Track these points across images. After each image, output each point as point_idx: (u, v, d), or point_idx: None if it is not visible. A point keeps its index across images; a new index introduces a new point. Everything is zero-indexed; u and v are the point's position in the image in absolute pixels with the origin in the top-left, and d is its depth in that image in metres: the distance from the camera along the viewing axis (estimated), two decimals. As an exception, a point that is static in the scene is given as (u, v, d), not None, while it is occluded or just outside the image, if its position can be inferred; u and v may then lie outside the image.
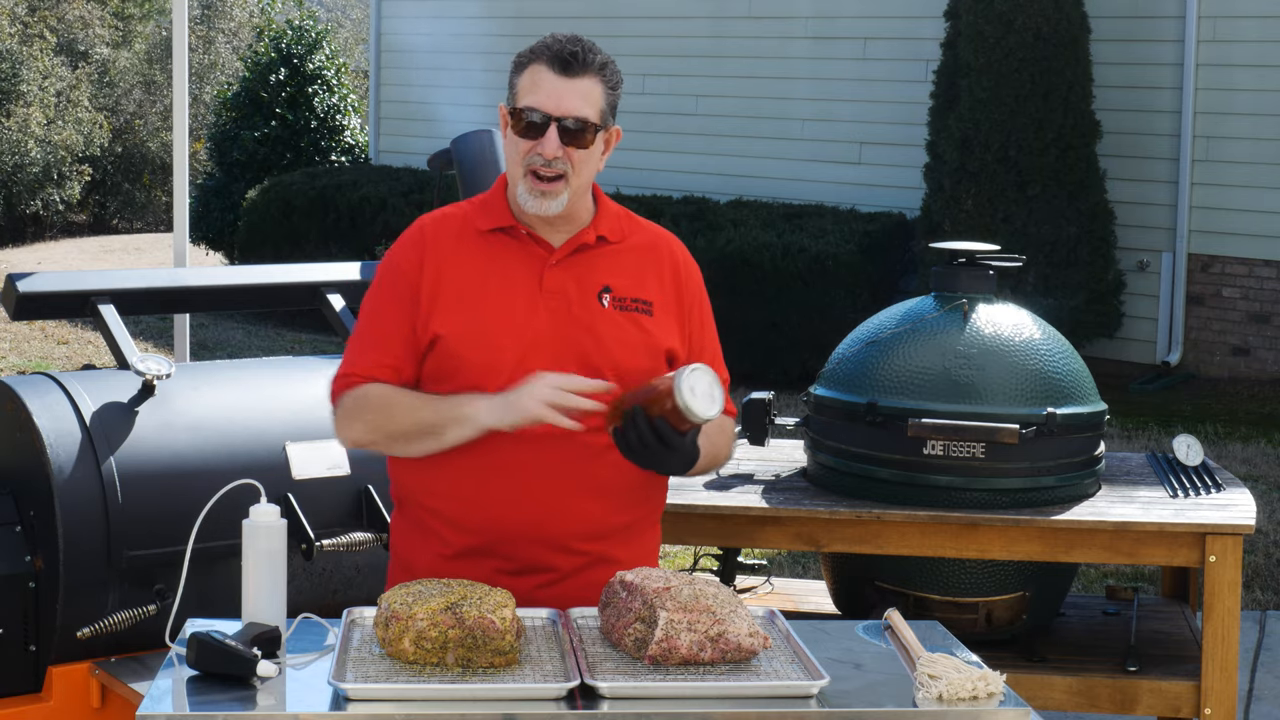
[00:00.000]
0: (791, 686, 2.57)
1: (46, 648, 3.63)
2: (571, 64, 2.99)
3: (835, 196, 12.49)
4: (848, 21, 12.67)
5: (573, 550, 3.01)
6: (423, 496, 3.08)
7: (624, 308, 3.06)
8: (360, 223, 13.76)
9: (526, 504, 2.99)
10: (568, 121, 2.98)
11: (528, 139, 2.99)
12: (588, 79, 3.00)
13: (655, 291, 3.10)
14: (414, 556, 3.09)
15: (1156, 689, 3.98)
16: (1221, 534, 3.86)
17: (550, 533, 3.00)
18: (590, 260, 3.07)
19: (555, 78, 2.99)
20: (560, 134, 2.97)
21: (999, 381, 3.99)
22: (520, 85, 3.02)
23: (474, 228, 3.09)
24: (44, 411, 3.63)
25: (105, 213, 21.83)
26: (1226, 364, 11.08)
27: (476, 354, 2.99)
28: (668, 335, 3.09)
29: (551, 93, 2.98)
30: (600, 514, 3.02)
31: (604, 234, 3.09)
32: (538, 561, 3.01)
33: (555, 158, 2.97)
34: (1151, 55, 11.14)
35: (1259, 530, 7.26)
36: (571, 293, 3.03)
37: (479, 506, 3.01)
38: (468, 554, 3.02)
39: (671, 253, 3.17)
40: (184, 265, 5.28)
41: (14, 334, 12.10)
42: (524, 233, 3.06)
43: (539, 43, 3.05)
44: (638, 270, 3.10)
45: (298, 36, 16.77)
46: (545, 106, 2.98)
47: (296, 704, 2.55)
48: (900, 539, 3.94)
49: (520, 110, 2.99)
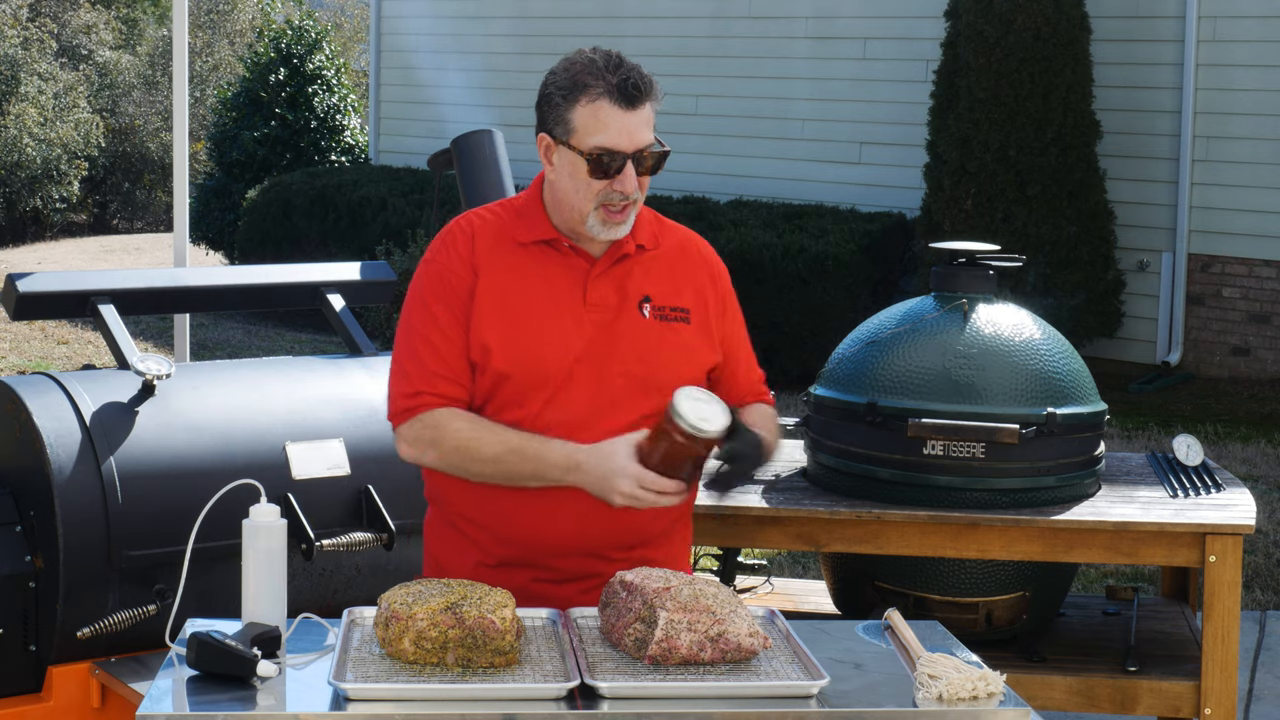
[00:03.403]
0: (791, 686, 2.57)
1: (46, 648, 3.63)
2: (636, 98, 2.92)
3: (835, 196, 12.50)
4: (848, 21, 12.67)
5: (612, 559, 3.02)
6: (461, 505, 3.07)
7: (664, 318, 3.05)
8: (360, 223, 13.76)
9: (565, 517, 2.98)
10: (640, 155, 2.94)
11: (602, 178, 2.93)
12: (648, 106, 2.95)
13: (691, 298, 3.09)
14: (450, 560, 3.09)
15: (1156, 689, 3.97)
16: (1221, 534, 3.86)
17: (589, 544, 3.01)
18: (628, 269, 3.05)
19: (622, 114, 2.91)
20: (635, 167, 2.94)
21: (999, 381, 3.99)
22: (579, 122, 2.92)
23: (512, 238, 3.04)
24: (44, 411, 3.63)
25: (105, 213, 21.84)
26: (1226, 364, 11.08)
27: (522, 369, 2.97)
28: (706, 344, 3.09)
29: (623, 130, 2.91)
30: (639, 522, 3.02)
31: (642, 242, 3.07)
32: (577, 570, 3.02)
33: (634, 192, 2.95)
34: (1151, 55, 11.14)
35: (1259, 530, 7.26)
36: (614, 304, 3.02)
37: (518, 520, 3.00)
38: (507, 564, 3.03)
39: (701, 255, 3.16)
40: (184, 265, 5.28)
41: (14, 334, 12.10)
42: (566, 245, 3.03)
43: (584, 69, 2.93)
44: (673, 277, 3.09)
45: (298, 36, 16.77)
46: (621, 146, 2.91)
47: (296, 704, 2.55)
48: (900, 539, 3.94)
49: (594, 153, 2.91)
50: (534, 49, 14.37)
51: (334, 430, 3.87)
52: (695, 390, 2.86)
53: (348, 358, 4.15)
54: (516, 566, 3.02)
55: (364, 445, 3.86)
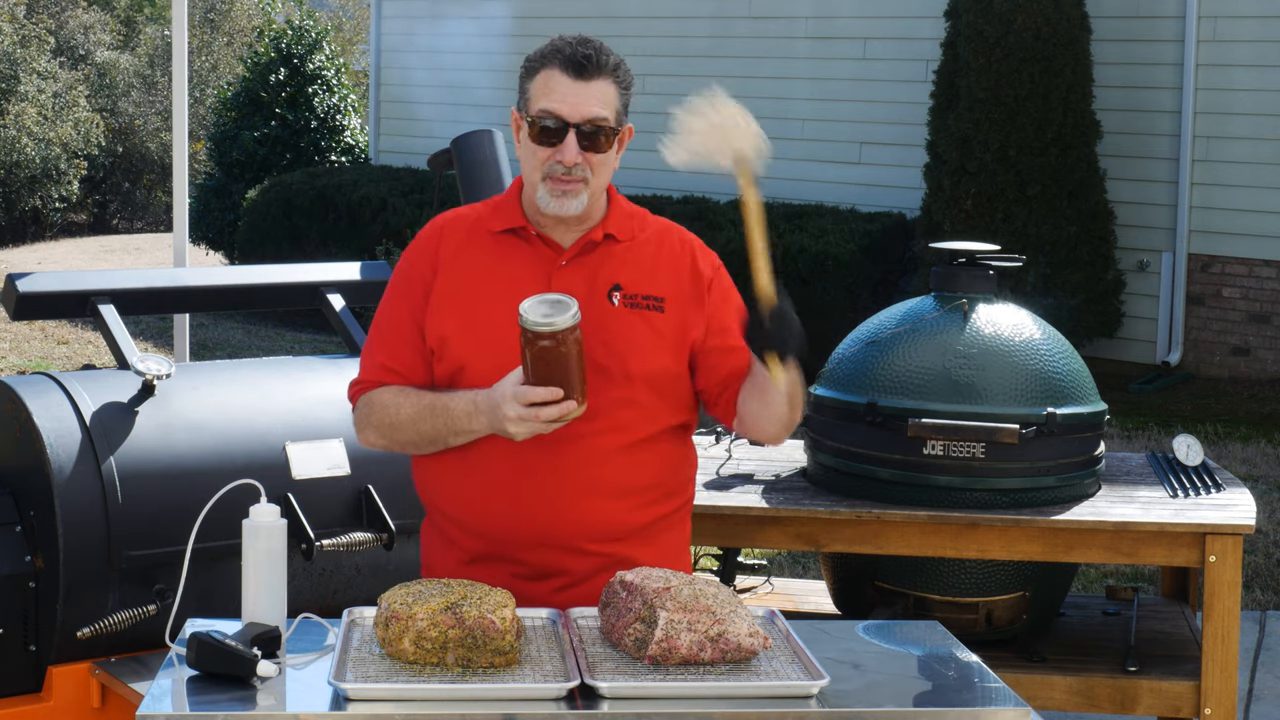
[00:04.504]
0: (791, 686, 2.57)
1: (46, 648, 3.63)
2: (586, 67, 2.95)
3: (835, 196, 12.49)
4: (848, 21, 12.67)
5: (586, 552, 2.99)
6: (440, 503, 3.09)
7: (635, 305, 3.03)
8: (360, 223, 13.76)
9: (533, 507, 2.98)
10: (585, 126, 2.95)
11: (545, 145, 2.96)
12: (602, 81, 2.97)
13: (668, 285, 3.07)
14: (436, 561, 3.11)
15: (1156, 689, 3.98)
16: (1221, 534, 3.86)
17: (559, 536, 2.99)
18: (600, 259, 3.05)
19: (570, 82, 2.95)
20: (578, 139, 2.95)
21: (999, 381, 3.99)
22: (533, 90, 2.98)
23: (485, 229, 3.08)
24: (44, 411, 3.63)
25: (105, 213, 21.84)
26: (1226, 364, 11.08)
27: (481, 358, 2.98)
28: (683, 330, 3.05)
29: (567, 97, 2.95)
30: (613, 515, 3.00)
31: (612, 232, 3.06)
32: (550, 565, 3.00)
33: (575, 164, 2.95)
34: (1151, 55, 11.14)
35: (1259, 530, 7.26)
36: (581, 293, 3.00)
37: (485, 511, 3.00)
38: (483, 559, 3.02)
39: (682, 241, 3.13)
40: (184, 265, 5.28)
41: (14, 334, 12.10)
42: (534, 234, 3.05)
43: (549, 45, 3.01)
44: (649, 266, 3.07)
45: (298, 36, 16.77)
46: (562, 112, 2.94)
47: (296, 704, 2.55)
48: (900, 539, 3.94)
49: (536, 117, 2.96)
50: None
51: (334, 430, 3.87)
52: (549, 295, 2.84)
53: (348, 358, 4.15)
54: (490, 562, 3.01)
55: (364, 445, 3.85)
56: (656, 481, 3.04)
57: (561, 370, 2.83)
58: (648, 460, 3.02)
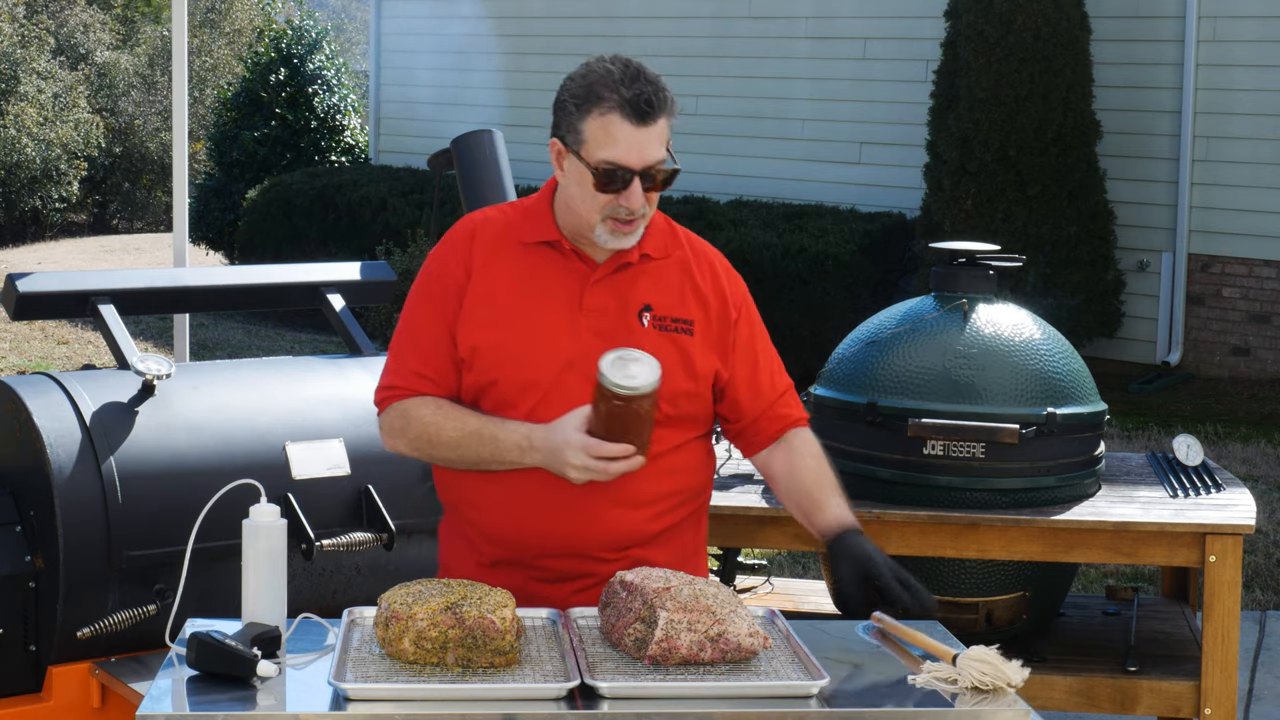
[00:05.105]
0: (791, 686, 2.57)
1: (46, 648, 3.63)
2: (649, 114, 2.87)
3: (835, 196, 12.50)
4: (848, 21, 12.67)
5: (607, 560, 3.00)
6: (462, 507, 3.08)
7: (664, 328, 3.01)
8: (360, 223, 13.77)
9: (557, 519, 2.98)
10: (649, 172, 2.90)
11: (608, 192, 2.90)
12: (661, 120, 2.91)
13: (696, 310, 3.05)
14: (455, 561, 3.10)
15: (1156, 689, 3.97)
16: (1221, 534, 3.86)
17: (582, 545, 2.99)
18: (632, 277, 3.02)
19: (632, 129, 2.87)
20: (642, 182, 2.90)
21: (999, 381, 3.99)
22: (589, 133, 2.89)
23: (517, 238, 3.03)
24: (44, 411, 3.63)
25: (105, 213, 21.84)
26: (1226, 364, 11.08)
27: (508, 372, 2.97)
28: (709, 356, 3.04)
29: (632, 147, 2.87)
30: (633, 525, 3.01)
31: (648, 251, 3.03)
32: (571, 570, 3.01)
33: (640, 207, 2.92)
34: (1151, 55, 11.14)
35: (1259, 530, 7.26)
36: (612, 311, 2.99)
37: (508, 521, 3.00)
38: (503, 564, 3.03)
39: (712, 266, 3.11)
40: (184, 265, 5.28)
41: (14, 334, 12.10)
42: (568, 248, 3.01)
43: (601, 81, 2.89)
44: (679, 288, 3.05)
45: (298, 36, 16.77)
46: (628, 162, 2.88)
47: (296, 704, 2.55)
48: (900, 539, 3.94)
49: (599, 166, 2.88)
50: (534, 49, 14.38)
51: (334, 430, 3.87)
52: (628, 351, 2.83)
53: (348, 358, 4.15)
54: (511, 566, 3.02)
55: (364, 445, 3.85)
56: (679, 488, 3.06)
57: (635, 428, 2.84)
58: (672, 470, 3.03)
